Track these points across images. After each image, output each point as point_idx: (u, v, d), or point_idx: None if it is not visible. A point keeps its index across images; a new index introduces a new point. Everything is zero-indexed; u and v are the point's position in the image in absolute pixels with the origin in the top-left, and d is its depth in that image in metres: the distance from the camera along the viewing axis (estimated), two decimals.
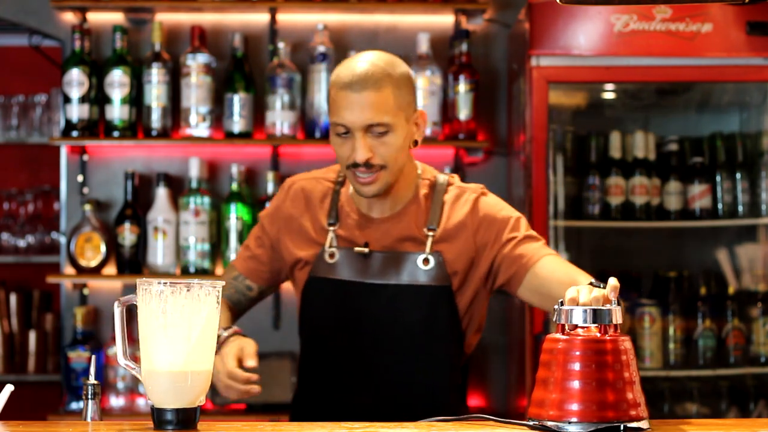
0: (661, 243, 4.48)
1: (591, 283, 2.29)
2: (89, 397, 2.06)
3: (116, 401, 4.31)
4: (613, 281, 2.11)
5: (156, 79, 4.34)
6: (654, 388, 4.22)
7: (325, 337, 2.69)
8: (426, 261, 2.62)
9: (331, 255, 2.66)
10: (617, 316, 2.04)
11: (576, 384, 2.00)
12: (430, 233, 2.64)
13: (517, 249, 2.62)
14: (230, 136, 4.37)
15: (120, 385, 4.32)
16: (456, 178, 2.75)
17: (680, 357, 4.19)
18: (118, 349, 1.99)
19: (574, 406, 1.98)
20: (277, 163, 4.50)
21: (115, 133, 4.34)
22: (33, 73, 5.01)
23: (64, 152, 4.50)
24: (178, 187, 4.44)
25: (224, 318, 2.64)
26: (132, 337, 3.89)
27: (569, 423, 1.98)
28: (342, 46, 4.51)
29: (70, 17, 4.51)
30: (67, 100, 4.34)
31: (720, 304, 4.23)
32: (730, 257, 4.31)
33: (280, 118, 4.35)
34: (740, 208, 4.22)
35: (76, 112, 4.33)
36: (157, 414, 1.93)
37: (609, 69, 4.01)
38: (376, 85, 2.54)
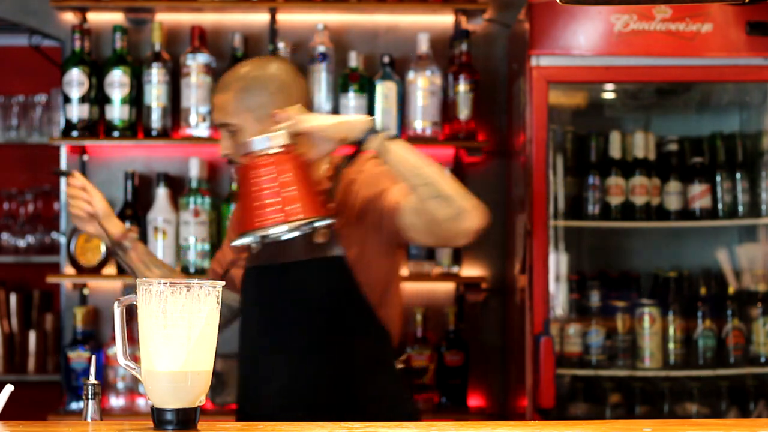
0: (661, 243, 4.48)
1: None
2: (89, 397, 2.07)
3: (116, 401, 4.31)
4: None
5: (156, 79, 4.34)
6: (654, 388, 4.22)
7: (252, 322, 2.76)
8: (320, 235, 2.66)
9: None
10: (276, 140, 2.43)
11: (260, 198, 2.36)
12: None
13: (389, 197, 2.65)
14: None
15: (120, 385, 4.32)
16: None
17: (680, 357, 4.19)
18: (118, 349, 1.99)
19: (267, 215, 2.34)
20: None
21: (115, 133, 4.34)
22: (33, 73, 5.01)
23: (64, 152, 4.50)
24: (178, 187, 4.44)
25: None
26: (132, 337, 3.89)
27: (261, 230, 2.36)
28: (342, 46, 4.51)
29: (70, 17, 4.51)
30: (67, 100, 4.34)
31: (720, 304, 4.23)
32: (730, 257, 4.31)
33: None
34: (740, 208, 4.22)
35: (76, 112, 4.33)
36: (157, 414, 1.93)
37: (609, 69, 4.01)
38: (224, 89, 2.72)
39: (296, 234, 2.46)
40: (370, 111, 4.41)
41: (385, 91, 4.38)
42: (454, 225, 2.50)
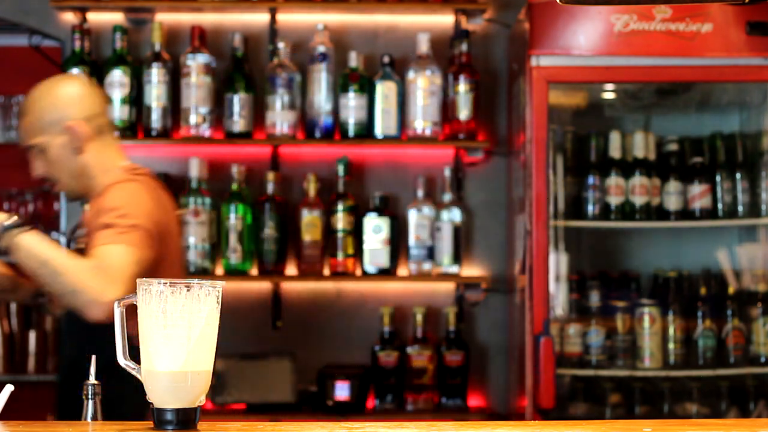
0: (661, 243, 4.48)
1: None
2: (89, 397, 2.06)
3: None
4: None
5: (156, 79, 4.34)
6: (654, 388, 4.22)
7: None
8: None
9: None
10: None
11: None
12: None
13: (94, 236, 2.80)
14: (230, 136, 4.38)
15: None
16: (135, 172, 3.00)
17: (680, 357, 4.19)
18: (118, 349, 1.99)
19: None
20: (277, 163, 4.50)
21: (115, 133, 4.33)
22: (33, 73, 4.99)
23: None
24: (178, 187, 4.44)
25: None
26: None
27: None
28: (342, 46, 4.51)
29: (70, 17, 4.51)
30: None
31: (720, 304, 4.23)
32: (730, 257, 4.31)
33: (280, 118, 4.35)
34: (740, 208, 4.22)
35: None
36: (157, 414, 1.93)
37: (609, 69, 4.01)
38: (24, 113, 2.96)
39: None
40: (370, 111, 4.41)
41: (385, 91, 4.38)
42: (85, 314, 2.70)
